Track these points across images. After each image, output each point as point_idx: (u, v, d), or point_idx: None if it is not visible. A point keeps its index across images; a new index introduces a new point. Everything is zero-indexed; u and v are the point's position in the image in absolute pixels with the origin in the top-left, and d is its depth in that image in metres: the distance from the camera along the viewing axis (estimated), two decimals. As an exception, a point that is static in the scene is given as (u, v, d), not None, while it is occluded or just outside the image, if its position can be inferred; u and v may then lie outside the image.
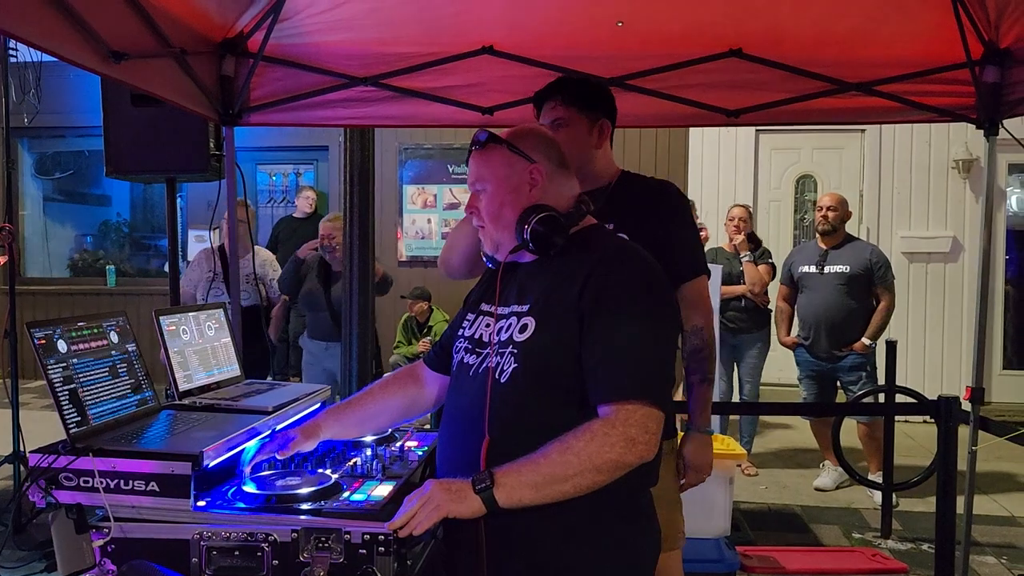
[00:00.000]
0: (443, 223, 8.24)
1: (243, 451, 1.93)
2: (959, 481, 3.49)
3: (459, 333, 1.88)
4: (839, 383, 5.22)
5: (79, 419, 1.84)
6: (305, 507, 1.72)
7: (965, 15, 2.91)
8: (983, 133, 3.21)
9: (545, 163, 1.79)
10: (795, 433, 6.31)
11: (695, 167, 7.60)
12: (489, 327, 1.77)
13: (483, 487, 1.57)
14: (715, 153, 7.59)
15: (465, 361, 1.80)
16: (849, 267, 5.05)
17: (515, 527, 1.62)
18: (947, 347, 7.33)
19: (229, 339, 2.55)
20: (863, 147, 7.50)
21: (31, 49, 2.22)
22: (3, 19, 1.93)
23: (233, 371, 2.51)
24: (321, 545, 1.66)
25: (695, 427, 2.38)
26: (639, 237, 2.11)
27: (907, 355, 6.91)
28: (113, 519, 1.72)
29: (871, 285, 5.06)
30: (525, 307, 1.72)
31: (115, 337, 2.07)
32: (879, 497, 4.71)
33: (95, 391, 1.92)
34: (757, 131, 7.48)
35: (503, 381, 1.68)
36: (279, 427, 2.10)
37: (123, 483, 1.72)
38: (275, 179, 8.99)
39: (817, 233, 5.26)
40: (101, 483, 1.72)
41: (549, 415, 1.64)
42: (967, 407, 3.44)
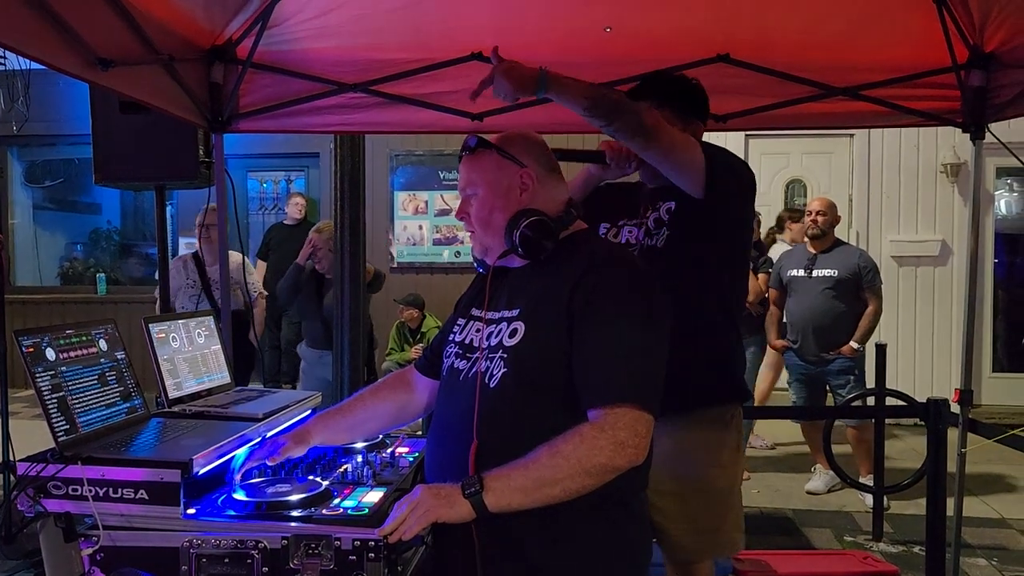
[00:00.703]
0: (434, 229, 8.24)
1: (233, 458, 1.93)
2: (949, 483, 3.50)
3: (449, 338, 1.89)
4: (828, 386, 5.24)
5: (68, 427, 1.83)
6: (295, 514, 1.72)
7: (950, 19, 2.94)
8: (969, 137, 3.23)
9: (535, 167, 1.79)
10: (787, 436, 6.32)
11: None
12: (479, 332, 1.78)
13: (472, 491, 1.57)
14: (705, 158, 7.60)
15: (455, 366, 1.81)
16: (837, 271, 5.07)
17: (506, 531, 1.62)
18: (937, 350, 7.35)
19: (219, 346, 2.54)
20: (852, 151, 7.53)
21: (20, 57, 2.22)
22: (-10, 27, 1.93)
23: (223, 378, 2.51)
24: (311, 552, 1.65)
25: None
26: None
27: (897, 358, 6.93)
28: (102, 527, 1.71)
29: (859, 289, 5.08)
30: (515, 312, 1.73)
31: (104, 345, 2.06)
32: (870, 500, 4.73)
33: (84, 399, 1.92)
34: (747, 136, 7.49)
35: (492, 386, 1.68)
36: (269, 434, 2.10)
37: (112, 491, 1.71)
38: (266, 186, 8.98)
39: (806, 237, 5.29)
40: (90, 491, 1.71)
41: (539, 419, 1.64)
42: (956, 409, 3.46)
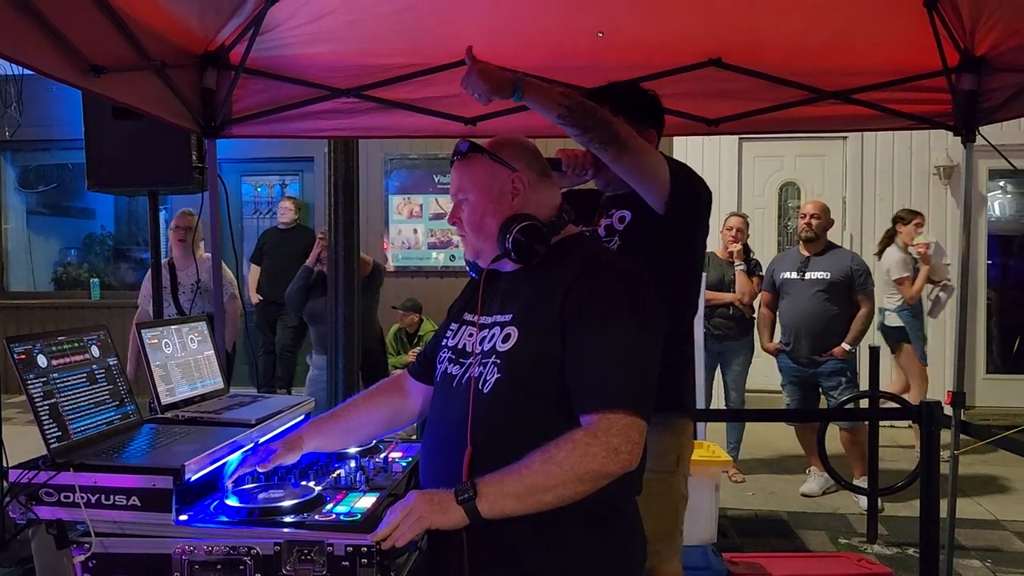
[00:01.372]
0: (429, 233, 8.24)
1: (226, 464, 1.93)
2: (943, 485, 3.51)
3: (443, 343, 1.88)
4: (820, 389, 5.25)
5: (60, 434, 1.83)
6: (288, 520, 1.72)
7: (941, 24, 2.95)
8: (961, 140, 3.25)
9: (527, 172, 1.79)
10: (781, 439, 6.33)
11: (679, 175, 7.62)
12: (472, 337, 1.78)
13: (465, 498, 1.57)
14: (699, 161, 7.60)
15: (448, 371, 1.80)
16: (830, 274, 5.09)
17: (499, 537, 1.62)
18: (931, 352, 7.35)
19: (212, 352, 2.54)
20: (845, 154, 7.55)
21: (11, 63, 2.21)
22: (-19, 34, 1.93)
23: (216, 384, 2.50)
24: (304, 558, 1.65)
25: None
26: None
27: (890, 360, 6.94)
28: (94, 534, 1.71)
29: (851, 292, 5.09)
30: (508, 317, 1.73)
31: (96, 351, 2.06)
32: (865, 502, 4.74)
33: (76, 405, 1.91)
34: (740, 139, 7.52)
35: (486, 391, 1.68)
36: (262, 440, 2.09)
37: (104, 498, 1.71)
38: (260, 191, 8.97)
39: (800, 240, 5.31)
40: (82, 498, 1.71)
41: (532, 425, 1.64)
42: (950, 411, 3.47)
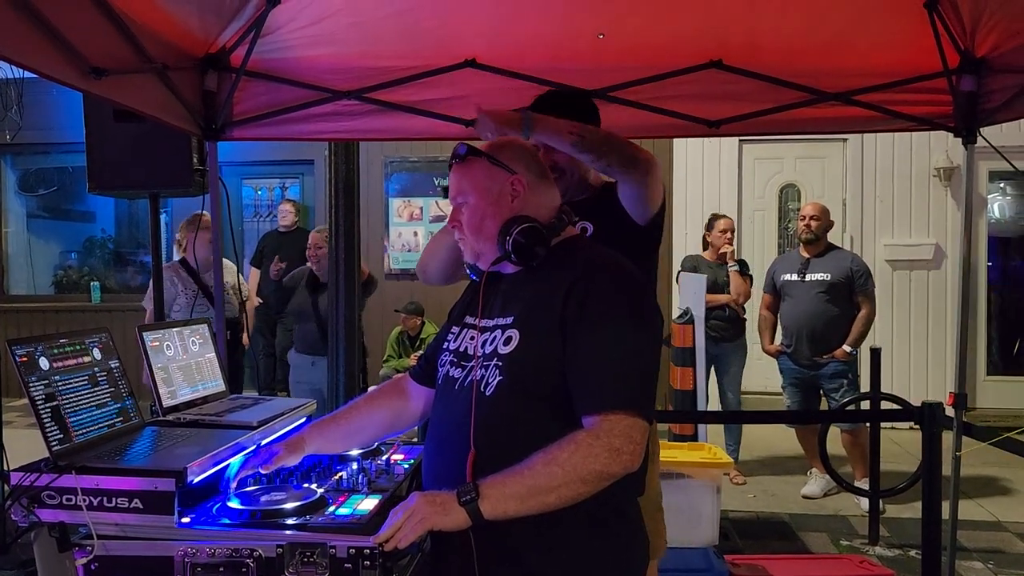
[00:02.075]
0: (429, 235, 8.21)
1: (228, 467, 1.93)
2: (944, 486, 3.51)
3: (444, 347, 1.88)
4: (821, 390, 5.25)
5: (62, 436, 1.83)
6: (290, 522, 1.71)
7: (941, 25, 2.95)
8: (961, 141, 3.25)
9: (526, 174, 1.79)
10: (782, 441, 6.33)
11: (679, 177, 7.63)
12: (474, 340, 1.78)
13: (468, 499, 1.56)
14: (699, 163, 7.63)
15: (450, 375, 1.80)
16: (830, 275, 5.09)
17: (501, 538, 1.62)
18: (931, 354, 7.37)
19: (213, 354, 2.54)
20: (845, 156, 7.56)
21: (12, 66, 2.21)
22: (-17, 37, 1.93)
23: (218, 386, 2.50)
24: (306, 560, 1.65)
25: None
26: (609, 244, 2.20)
27: (892, 362, 6.94)
28: (96, 537, 1.70)
29: (852, 293, 5.09)
30: (509, 319, 1.73)
31: (98, 354, 2.06)
32: (866, 504, 4.74)
33: (78, 408, 1.91)
34: (740, 141, 7.52)
35: (488, 394, 1.68)
36: (264, 442, 2.09)
37: (106, 500, 1.71)
38: (260, 193, 8.98)
39: (800, 242, 5.32)
40: (84, 501, 1.71)
41: (535, 427, 1.64)
42: (951, 413, 3.46)
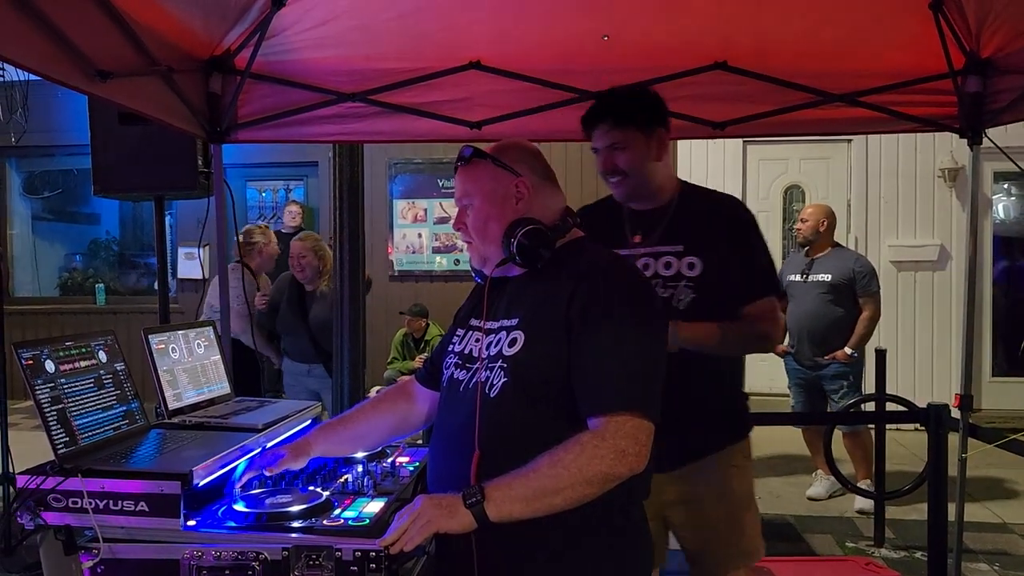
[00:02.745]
0: (433, 237, 8.25)
1: (233, 469, 1.93)
2: (950, 488, 3.50)
3: (449, 349, 1.89)
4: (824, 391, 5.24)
5: (67, 439, 1.83)
6: (296, 525, 1.72)
7: (946, 26, 2.94)
8: (967, 142, 3.24)
9: (530, 176, 1.79)
10: (787, 442, 6.32)
11: (684, 178, 7.62)
12: (479, 342, 1.78)
13: (473, 501, 1.57)
14: (704, 164, 7.62)
15: (455, 377, 1.81)
16: (831, 276, 5.07)
17: (507, 540, 1.62)
18: (937, 355, 7.35)
19: (219, 357, 2.54)
20: (850, 157, 7.55)
21: (18, 69, 2.22)
22: (-11, 40, 1.94)
23: (223, 389, 2.50)
24: (312, 563, 1.65)
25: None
26: (708, 259, 2.21)
27: (897, 363, 6.93)
28: (102, 540, 1.71)
29: (855, 294, 5.07)
30: (514, 321, 1.73)
31: (104, 356, 2.06)
32: (859, 503, 4.75)
33: (84, 411, 1.91)
34: (745, 142, 7.52)
35: (493, 396, 1.68)
36: (269, 445, 2.09)
37: (112, 503, 1.71)
38: (265, 195, 8.99)
39: (799, 244, 5.33)
40: (90, 503, 1.71)
41: (539, 429, 1.64)
42: (957, 414, 3.45)
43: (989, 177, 7.43)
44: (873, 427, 4.84)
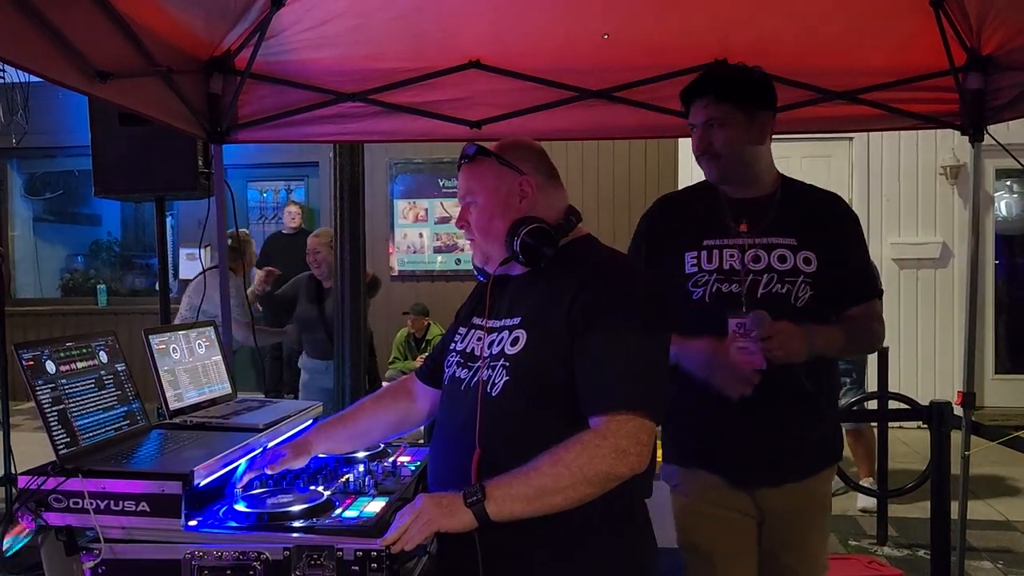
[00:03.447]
0: (435, 237, 8.25)
1: (234, 470, 1.93)
2: (953, 486, 3.49)
3: (451, 347, 1.88)
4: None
5: (68, 440, 1.83)
6: (297, 524, 1.71)
7: (947, 23, 2.94)
8: (968, 140, 3.23)
9: (534, 175, 1.79)
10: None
11: (684, 178, 7.62)
12: (480, 340, 1.78)
13: (474, 500, 1.56)
14: (704, 163, 7.61)
15: (457, 375, 1.81)
16: None
17: (508, 540, 1.62)
18: (939, 352, 7.34)
19: (220, 357, 2.54)
20: (851, 155, 7.54)
21: (18, 70, 2.22)
22: (-12, 41, 1.94)
23: (224, 389, 2.50)
24: (313, 562, 1.65)
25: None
26: (823, 255, 2.12)
27: (899, 361, 6.92)
28: (103, 540, 1.71)
29: None
30: (516, 320, 1.73)
31: (104, 357, 2.06)
32: (861, 501, 4.74)
33: (85, 411, 1.91)
34: (746, 140, 7.50)
35: (494, 394, 1.68)
36: (270, 444, 2.09)
37: (113, 504, 1.71)
38: (266, 196, 9.00)
39: None
40: (91, 504, 1.71)
41: (541, 428, 1.64)
42: (959, 412, 3.45)
43: (991, 174, 7.42)
44: (876, 425, 4.83)
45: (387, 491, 1.92)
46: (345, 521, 1.73)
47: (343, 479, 2.01)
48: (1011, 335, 7.64)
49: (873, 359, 4.83)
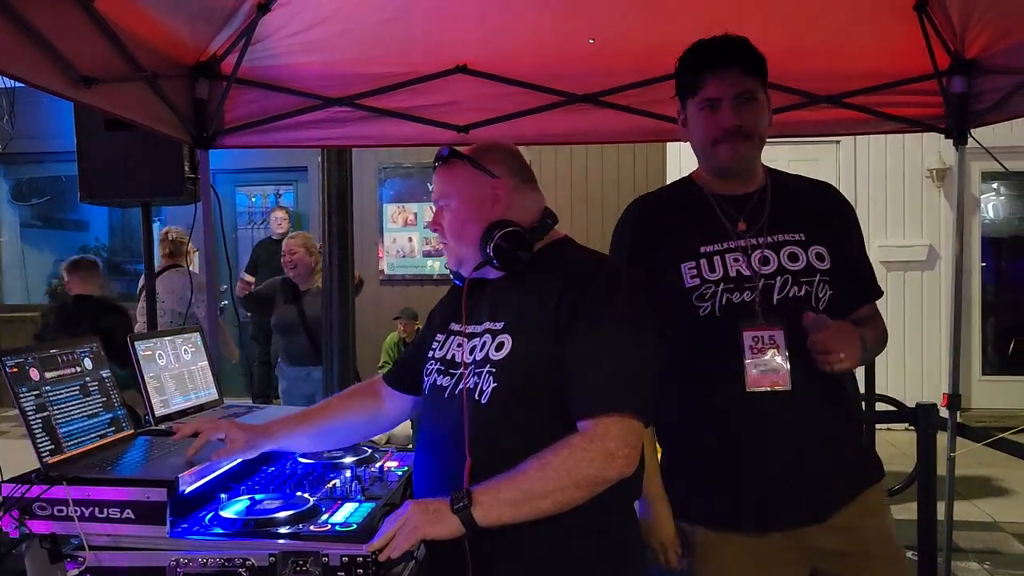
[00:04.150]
0: (424, 241, 8.24)
1: (220, 476, 1.92)
2: (940, 487, 3.50)
3: (429, 355, 1.86)
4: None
5: (53, 447, 1.82)
6: (283, 531, 1.70)
7: (931, 27, 2.96)
8: (953, 143, 3.26)
9: (508, 178, 1.77)
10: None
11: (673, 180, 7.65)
12: (461, 347, 1.76)
13: (461, 506, 1.55)
14: (692, 167, 7.63)
15: (438, 383, 1.78)
16: None
17: (497, 545, 1.61)
18: (926, 354, 7.38)
19: (206, 363, 2.53)
20: (838, 158, 7.57)
21: (2, 76, 2.20)
22: (-29, 47, 1.93)
23: (211, 395, 2.50)
24: (299, 569, 1.64)
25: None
26: (833, 250, 1.93)
27: (887, 363, 6.95)
28: (88, 547, 1.69)
29: None
30: (499, 324, 1.71)
31: (89, 363, 2.05)
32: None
33: (69, 419, 1.90)
34: (733, 144, 7.53)
35: (484, 402, 1.66)
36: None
37: (98, 511, 1.70)
38: (254, 201, 8.97)
39: None
40: (76, 512, 1.69)
41: (532, 433, 1.62)
42: (946, 414, 3.46)
43: (977, 177, 7.48)
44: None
45: (374, 497, 1.90)
46: (331, 527, 1.72)
47: (329, 485, 2.00)
48: (998, 337, 7.69)
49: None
